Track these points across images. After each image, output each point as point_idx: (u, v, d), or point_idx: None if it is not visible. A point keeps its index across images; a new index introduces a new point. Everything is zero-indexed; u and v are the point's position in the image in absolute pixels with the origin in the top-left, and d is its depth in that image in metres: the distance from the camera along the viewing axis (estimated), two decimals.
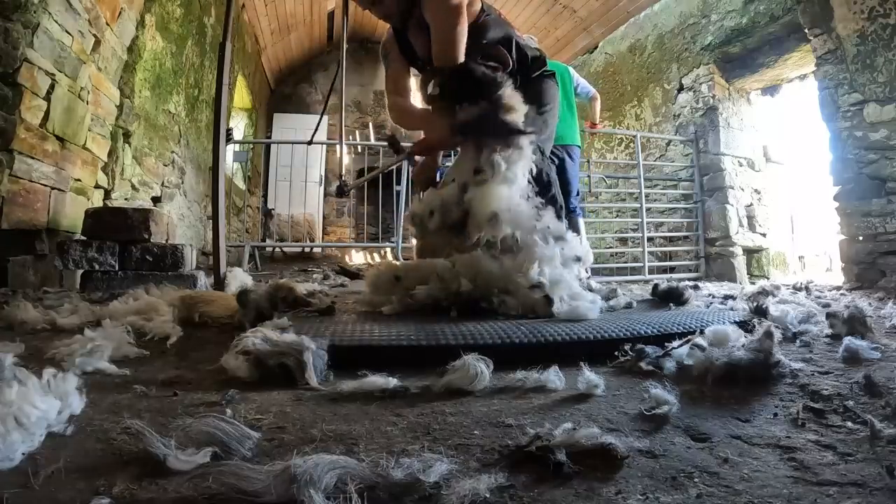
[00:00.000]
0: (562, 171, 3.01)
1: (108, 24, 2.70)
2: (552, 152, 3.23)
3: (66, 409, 0.61)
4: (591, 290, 1.53)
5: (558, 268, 1.38)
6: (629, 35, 5.28)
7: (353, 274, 3.66)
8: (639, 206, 4.20)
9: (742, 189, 4.35)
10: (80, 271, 2.21)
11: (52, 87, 2.26)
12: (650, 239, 4.30)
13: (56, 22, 2.23)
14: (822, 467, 0.52)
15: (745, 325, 1.14)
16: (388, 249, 5.12)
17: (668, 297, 1.61)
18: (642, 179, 4.23)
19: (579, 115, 3.46)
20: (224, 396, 0.73)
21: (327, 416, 0.66)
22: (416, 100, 1.93)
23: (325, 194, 7.97)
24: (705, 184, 4.38)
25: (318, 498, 0.41)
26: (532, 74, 1.77)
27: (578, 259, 1.49)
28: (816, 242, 5.09)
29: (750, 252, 4.31)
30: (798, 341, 1.15)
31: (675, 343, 0.93)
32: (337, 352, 0.88)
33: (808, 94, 4.07)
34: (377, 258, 5.95)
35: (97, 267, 2.18)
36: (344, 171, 3.22)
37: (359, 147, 8.30)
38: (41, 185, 2.26)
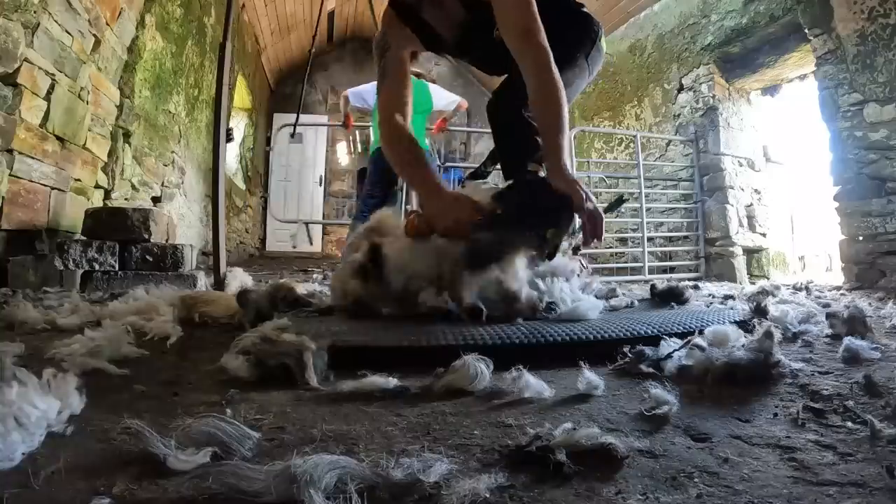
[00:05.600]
0: None
1: (108, 24, 2.70)
2: None
3: (66, 409, 0.61)
4: (595, 295, 1.51)
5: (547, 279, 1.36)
6: (629, 35, 5.28)
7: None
8: (639, 206, 4.20)
9: (742, 189, 4.35)
10: (80, 271, 2.22)
11: (52, 87, 2.26)
12: (650, 239, 4.30)
13: (56, 22, 2.23)
14: (822, 467, 0.52)
15: (745, 325, 1.14)
16: None
17: (668, 297, 1.61)
18: (642, 179, 4.23)
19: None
20: (224, 396, 0.73)
21: (327, 416, 0.66)
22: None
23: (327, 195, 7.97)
24: (705, 184, 4.38)
25: (319, 498, 0.41)
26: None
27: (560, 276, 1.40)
28: (816, 242, 5.10)
29: (750, 252, 4.31)
30: (798, 341, 1.15)
31: (676, 344, 0.93)
32: (337, 352, 0.87)
33: (808, 94, 4.07)
34: None
35: (97, 267, 2.18)
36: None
37: (359, 147, 8.31)
38: (41, 185, 2.26)
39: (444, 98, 3.93)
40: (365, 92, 3.69)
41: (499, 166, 1.81)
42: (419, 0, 1.44)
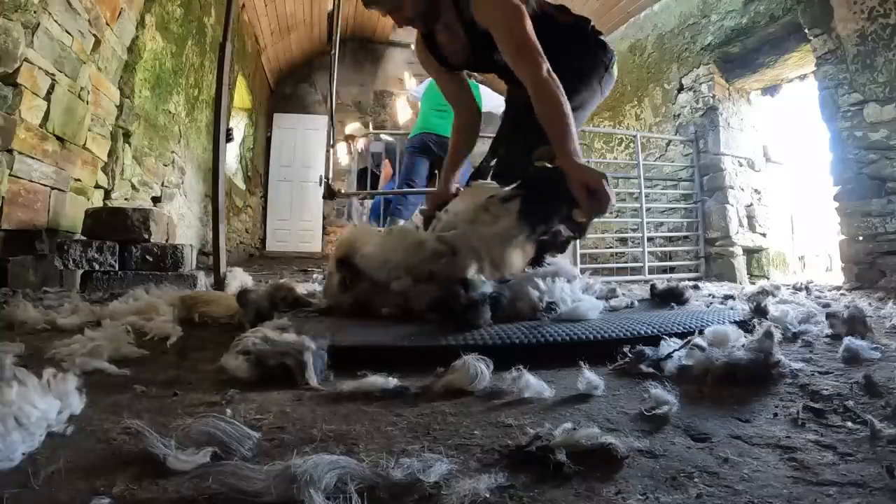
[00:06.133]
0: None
1: (108, 24, 2.70)
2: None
3: (66, 409, 0.61)
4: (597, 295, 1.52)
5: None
6: (629, 35, 5.28)
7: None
8: (639, 206, 4.20)
9: (742, 189, 4.35)
10: (80, 271, 2.21)
11: (52, 87, 2.26)
12: (650, 239, 4.30)
13: (56, 22, 2.23)
14: (822, 467, 0.52)
15: (745, 325, 1.14)
16: None
17: (668, 297, 1.61)
18: (642, 179, 4.23)
19: None
20: (224, 396, 0.73)
21: (327, 416, 0.66)
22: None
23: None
24: (705, 184, 4.38)
25: (319, 498, 0.41)
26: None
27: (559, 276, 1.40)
28: (816, 242, 5.10)
29: (750, 252, 4.31)
30: (798, 341, 1.15)
31: (676, 344, 0.93)
32: (337, 352, 0.87)
33: (808, 94, 4.07)
34: None
35: (97, 267, 2.18)
36: (331, 174, 3.27)
37: (359, 148, 8.31)
38: (41, 185, 2.26)
39: (493, 99, 4.02)
40: (415, 89, 4.44)
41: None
42: (432, 25, 1.64)
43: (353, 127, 5.56)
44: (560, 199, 1.32)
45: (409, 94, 4.92)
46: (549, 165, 1.35)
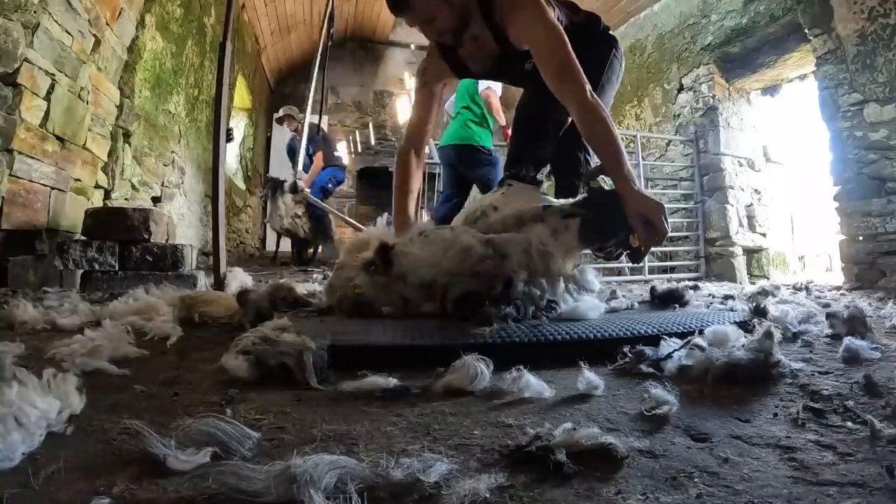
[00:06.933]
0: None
1: (108, 24, 2.70)
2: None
3: (66, 409, 0.61)
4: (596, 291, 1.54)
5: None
6: (629, 35, 5.28)
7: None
8: None
9: (742, 189, 4.35)
10: (80, 271, 2.21)
11: (52, 87, 2.26)
12: None
13: (56, 22, 2.23)
14: (822, 467, 0.52)
15: (745, 326, 1.14)
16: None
17: (668, 299, 1.62)
18: (642, 179, 4.22)
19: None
20: (224, 396, 0.73)
21: (327, 416, 0.66)
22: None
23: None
24: (705, 184, 4.38)
25: (318, 498, 0.41)
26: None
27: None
28: (816, 242, 5.10)
29: (750, 252, 4.31)
30: (798, 341, 1.15)
31: (676, 344, 0.93)
32: (337, 352, 0.87)
33: (808, 94, 4.08)
34: None
35: (97, 267, 2.18)
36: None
37: (358, 147, 8.32)
38: (41, 185, 2.26)
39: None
40: (449, 104, 4.12)
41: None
42: (461, 36, 1.57)
43: (287, 108, 5.14)
44: (617, 223, 1.32)
45: (445, 109, 4.73)
46: (605, 186, 1.37)
